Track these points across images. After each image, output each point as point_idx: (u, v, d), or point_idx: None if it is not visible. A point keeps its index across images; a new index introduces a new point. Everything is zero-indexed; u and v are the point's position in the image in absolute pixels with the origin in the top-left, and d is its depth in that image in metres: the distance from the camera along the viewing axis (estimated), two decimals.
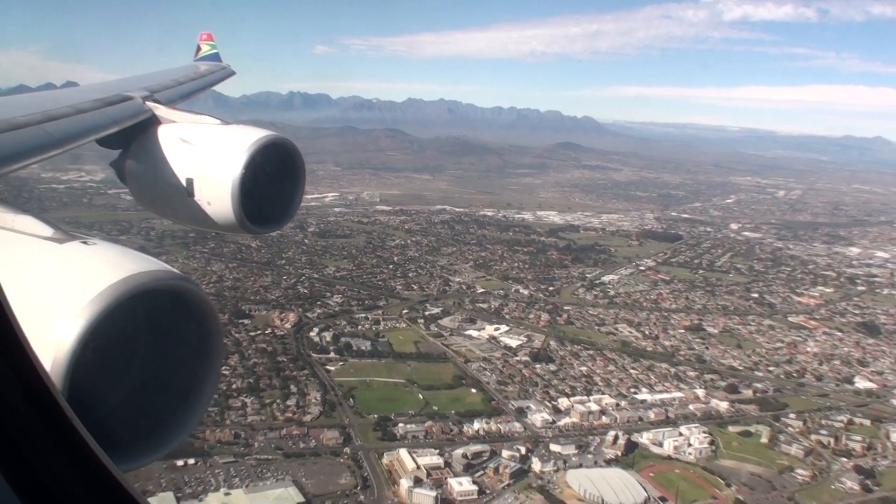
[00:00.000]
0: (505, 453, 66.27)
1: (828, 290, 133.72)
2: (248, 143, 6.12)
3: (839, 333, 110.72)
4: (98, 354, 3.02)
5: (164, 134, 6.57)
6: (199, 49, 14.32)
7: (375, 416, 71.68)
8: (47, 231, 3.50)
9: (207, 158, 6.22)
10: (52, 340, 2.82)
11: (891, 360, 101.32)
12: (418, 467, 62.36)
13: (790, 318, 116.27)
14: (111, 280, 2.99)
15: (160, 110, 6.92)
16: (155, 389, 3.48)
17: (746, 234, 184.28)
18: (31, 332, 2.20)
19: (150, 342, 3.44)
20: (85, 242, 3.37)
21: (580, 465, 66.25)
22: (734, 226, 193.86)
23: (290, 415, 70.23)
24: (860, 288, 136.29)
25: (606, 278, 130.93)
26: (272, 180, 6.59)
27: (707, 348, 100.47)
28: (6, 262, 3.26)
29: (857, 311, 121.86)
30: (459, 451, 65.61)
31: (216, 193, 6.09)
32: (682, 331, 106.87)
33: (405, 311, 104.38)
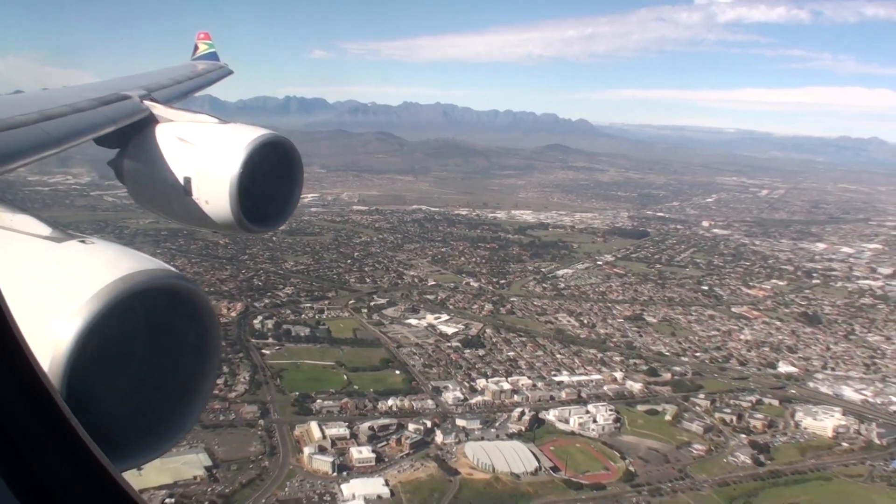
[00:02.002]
0: (410, 426, 70.62)
1: (781, 282, 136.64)
2: (245, 141, 6.15)
3: (778, 323, 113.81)
4: (96, 353, 3.00)
5: (161, 133, 6.60)
6: (196, 48, 14.35)
7: (297, 393, 76.41)
8: (45, 230, 3.50)
9: (205, 157, 6.24)
10: (49, 339, 2.81)
11: (821, 348, 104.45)
12: (324, 437, 67.04)
13: (733, 309, 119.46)
14: (109, 279, 2.99)
15: (158, 109, 6.97)
16: (153, 388, 3.48)
17: (716, 231, 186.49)
18: (29, 331, 2.21)
19: (147, 341, 3.46)
20: (83, 241, 3.37)
21: (482, 438, 70.41)
22: (705, 223, 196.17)
23: (216, 391, 74.92)
24: (815, 281, 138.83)
25: (560, 272, 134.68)
26: (270, 179, 6.60)
27: (640, 336, 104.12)
28: (4, 260, 3.27)
29: (803, 303, 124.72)
30: (367, 425, 70.09)
31: (214, 192, 6.11)
32: (622, 320, 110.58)
33: (352, 301, 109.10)
